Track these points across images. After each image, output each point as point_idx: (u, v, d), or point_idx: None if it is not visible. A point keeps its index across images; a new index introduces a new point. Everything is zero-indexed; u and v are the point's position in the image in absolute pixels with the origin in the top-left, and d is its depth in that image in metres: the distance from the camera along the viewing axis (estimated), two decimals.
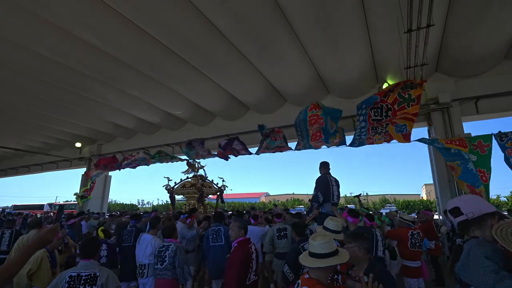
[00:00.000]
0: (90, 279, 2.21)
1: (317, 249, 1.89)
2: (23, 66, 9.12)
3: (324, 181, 4.94)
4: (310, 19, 7.06)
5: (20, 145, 16.86)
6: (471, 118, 9.22)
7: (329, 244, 1.91)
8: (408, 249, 4.34)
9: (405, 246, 4.38)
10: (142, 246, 4.24)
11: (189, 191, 9.96)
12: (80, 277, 2.22)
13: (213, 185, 10.64)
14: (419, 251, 4.40)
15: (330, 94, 11.19)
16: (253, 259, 2.89)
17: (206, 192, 10.18)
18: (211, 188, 10.50)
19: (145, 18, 7.11)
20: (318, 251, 1.88)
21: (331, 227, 2.52)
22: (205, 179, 10.46)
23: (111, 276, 2.36)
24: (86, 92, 10.87)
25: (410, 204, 41.82)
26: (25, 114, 12.98)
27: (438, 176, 8.76)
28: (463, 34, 7.61)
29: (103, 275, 2.30)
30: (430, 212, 7.21)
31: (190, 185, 10.03)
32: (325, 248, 1.88)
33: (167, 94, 11.10)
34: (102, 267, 2.43)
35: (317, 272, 1.84)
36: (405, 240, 4.39)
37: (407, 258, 4.40)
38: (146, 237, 4.34)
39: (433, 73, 9.40)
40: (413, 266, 4.36)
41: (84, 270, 2.29)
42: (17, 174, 23.48)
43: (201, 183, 9.97)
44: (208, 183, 10.53)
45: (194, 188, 9.86)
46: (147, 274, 4.12)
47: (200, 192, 9.67)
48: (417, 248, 4.37)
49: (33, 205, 35.79)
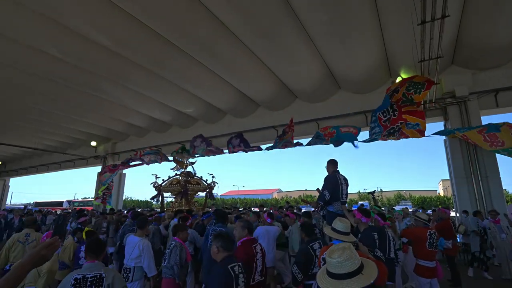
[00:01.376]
0: (96, 281, 2.20)
1: (335, 269, 1.56)
2: (39, 69, 9.38)
3: (333, 180, 4.85)
4: (319, 13, 6.91)
5: (38, 144, 17.44)
6: (490, 111, 8.85)
7: (350, 262, 1.55)
8: (426, 249, 4.25)
9: (423, 245, 4.29)
10: (129, 248, 3.88)
11: (175, 188, 9.61)
12: (85, 279, 2.20)
13: (202, 181, 10.17)
14: (435, 251, 4.31)
15: (341, 90, 11.00)
16: (258, 259, 2.82)
17: (194, 189, 9.82)
18: (200, 185, 10.01)
19: (154, 18, 7.15)
20: (337, 271, 1.55)
21: (340, 229, 2.45)
22: (192, 176, 9.98)
23: (117, 276, 2.35)
24: (100, 92, 11.11)
25: (426, 201, 40.94)
26: (42, 114, 13.39)
27: (454, 172, 8.48)
28: (481, 24, 7.29)
29: (109, 276, 2.28)
30: (448, 210, 6.98)
31: (177, 182, 9.69)
32: (346, 266, 1.54)
33: (178, 93, 11.19)
34: (108, 268, 2.42)
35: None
36: (423, 240, 4.29)
37: (424, 258, 4.30)
38: (133, 239, 3.97)
39: (449, 66, 9.07)
40: (428, 266, 4.27)
41: (89, 272, 2.28)
42: (37, 172, 24.36)
43: (185, 179, 9.50)
44: (197, 179, 10.05)
45: (179, 185, 9.51)
46: (132, 278, 3.76)
47: (183, 189, 9.25)
48: (434, 248, 4.28)
49: (53, 202, 37.10)
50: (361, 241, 3.24)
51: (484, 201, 7.90)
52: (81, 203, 32.87)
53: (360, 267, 1.58)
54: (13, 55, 8.61)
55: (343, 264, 1.55)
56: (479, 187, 8.04)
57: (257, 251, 2.87)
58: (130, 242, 3.92)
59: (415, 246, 4.50)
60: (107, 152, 18.19)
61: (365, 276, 1.55)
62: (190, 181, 9.64)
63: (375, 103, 9.95)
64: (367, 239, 3.24)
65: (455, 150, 8.52)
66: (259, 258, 2.84)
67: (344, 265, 1.54)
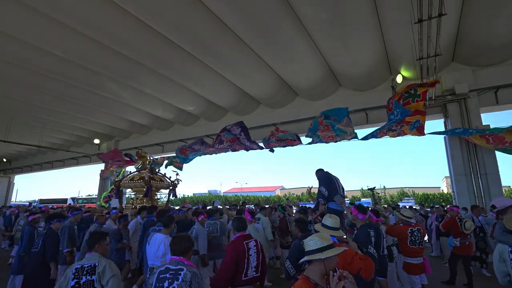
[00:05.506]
0: (90, 269, 2.53)
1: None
2: (43, 68, 9.50)
3: (325, 176, 4.93)
4: (319, 11, 6.95)
5: (43, 142, 17.64)
6: (490, 109, 8.84)
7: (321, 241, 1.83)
8: (408, 247, 4.35)
9: (405, 243, 4.39)
10: (153, 246, 3.83)
11: (137, 184, 9.13)
12: (83, 268, 2.53)
13: (165, 178, 9.88)
14: (420, 248, 4.38)
15: (342, 87, 11.02)
16: (251, 255, 2.87)
17: (156, 186, 9.37)
18: (163, 182, 9.64)
19: (156, 18, 7.22)
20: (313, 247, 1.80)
21: (330, 224, 2.53)
22: (155, 173, 9.64)
23: (108, 265, 2.60)
24: (103, 91, 11.24)
25: (429, 197, 40.75)
26: (47, 113, 13.56)
27: (454, 169, 8.50)
28: (482, 20, 7.27)
29: (101, 265, 2.57)
30: (457, 208, 6.88)
31: (139, 178, 9.21)
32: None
33: (180, 91, 11.29)
34: (103, 258, 2.69)
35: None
36: (404, 238, 4.38)
37: (408, 255, 4.41)
38: (158, 236, 3.92)
39: (449, 63, 9.05)
40: (414, 263, 4.37)
41: (86, 261, 2.60)
42: (41, 170, 24.67)
43: (149, 176, 9.11)
44: (160, 176, 9.70)
45: (142, 181, 9.07)
46: None
47: (147, 185, 8.84)
48: (417, 245, 4.35)
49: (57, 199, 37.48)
50: (357, 237, 3.32)
51: (483, 198, 7.92)
52: (85, 200, 33.19)
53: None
54: (18, 55, 8.74)
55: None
56: (479, 184, 8.07)
57: (249, 247, 2.92)
58: (154, 239, 3.87)
59: (399, 244, 4.60)
60: (110, 149, 18.37)
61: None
62: (154, 178, 9.32)
63: (376, 100, 10.03)
64: (363, 235, 3.31)
65: (455, 147, 8.53)
66: (252, 254, 2.88)
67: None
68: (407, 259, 4.39)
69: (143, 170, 9.51)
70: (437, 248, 8.44)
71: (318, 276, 1.72)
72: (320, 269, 1.73)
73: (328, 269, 1.71)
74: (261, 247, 3.12)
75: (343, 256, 2.17)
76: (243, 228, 3.06)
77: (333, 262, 1.78)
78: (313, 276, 1.73)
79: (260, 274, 2.98)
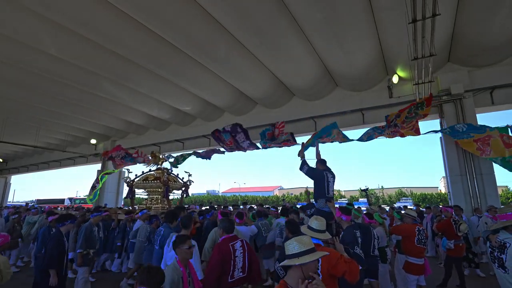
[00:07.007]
0: None
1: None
2: (39, 68, 9.43)
3: (319, 175, 4.85)
4: (314, 11, 6.92)
5: (38, 142, 17.57)
6: (486, 109, 8.84)
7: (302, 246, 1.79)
8: (415, 245, 4.27)
9: (412, 242, 4.31)
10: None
11: (152, 185, 8.91)
12: None
13: (178, 179, 9.78)
14: (423, 247, 4.33)
15: (338, 88, 11.01)
16: (237, 256, 2.84)
17: (171, 187, 9.19)
18: (176, 183, 9.56)
19: (151, 17, 7.17)
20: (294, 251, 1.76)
21: (315, 227, 2.50)
22: (170, 173, 9.55)
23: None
24: (99, 91, 11.17)
25: (427, 197, 40.85)
26: (42, 113, 13.47)
27: (449, 169, 8.49)
28: (478, 21, 7.26)
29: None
30: (451, 209, 6.84)
31: (154, 178, 8.98)
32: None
33: (176, 91, 11.24)
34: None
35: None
36: (412, 236, 4.32)
37: (413, 255, 4.32)
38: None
39: (445, 63, 9.05)
40: (417, 263, 4.30)
41: None
42: (38, 170, 24.57)
43: (167, 176, 8.94)
44: (173, 177, 9.60)
45: (158, 182, 8.83)
46: None
47: (165, 186, 8.68)
48: (423, 244, 4.30)
49: (55, 199, 37.36)
50: (343, 238, 3.29)
51: (479, 198, 7.92)
52: (82, 201, 33.07)
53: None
54: (13, 54, 8.68)
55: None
56: (474, 184, 8.06)
57: (235, 248, 2.89)
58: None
59: (404, 243, 4.52)
60: (106, 149, 18.30)
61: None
62: (169, 178, 9.15)
63: (372, 101, 10.03)
64: (348, 236, 3.28)
65: (450, 148, 8.52)
66: (238, 255, 2.86)
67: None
68: (410, 258, 4.34)
69: (157, 170, 9.28)
70: (432, 248, 8.43)
71: (296, 282, 1.69)
72: (298, 275, 1.69)
73: (306, 274, 1.67)
74: (249, 247, 3.08)
75: (327, 259, 2.13)
76: (231, 230, 3.02)
77: (312, 267, 1.73)
78: (290, 281, 1.70)
79: (247, 274, 2.94)
